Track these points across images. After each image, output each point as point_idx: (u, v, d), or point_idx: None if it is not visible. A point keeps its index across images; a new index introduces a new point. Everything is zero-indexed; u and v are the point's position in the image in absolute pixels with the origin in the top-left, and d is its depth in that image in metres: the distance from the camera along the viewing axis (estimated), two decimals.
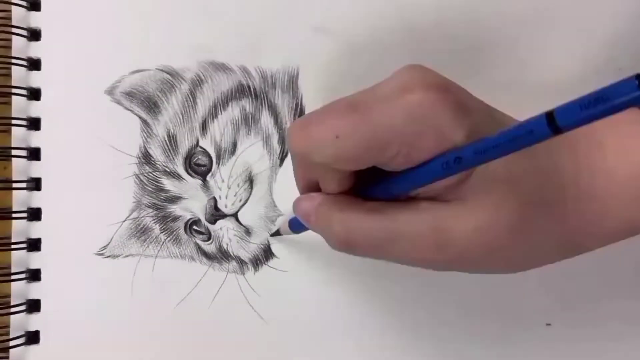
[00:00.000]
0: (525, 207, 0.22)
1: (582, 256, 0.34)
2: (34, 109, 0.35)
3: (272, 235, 0.35)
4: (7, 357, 0.34)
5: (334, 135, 0.21)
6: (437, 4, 0.35)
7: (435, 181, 0.21)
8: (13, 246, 0.34)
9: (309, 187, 0.26)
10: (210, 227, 0.35)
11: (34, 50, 0.35)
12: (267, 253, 0.35)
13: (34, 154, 0.35)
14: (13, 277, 0.34)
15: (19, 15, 0.35)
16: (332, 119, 0.21)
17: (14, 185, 0.35)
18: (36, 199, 0.35)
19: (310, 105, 0.35)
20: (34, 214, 0.35)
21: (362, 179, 0.24)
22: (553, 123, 0.15)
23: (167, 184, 0.35)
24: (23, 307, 0.35)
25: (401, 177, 0.22)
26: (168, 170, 0.35)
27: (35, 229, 0.35)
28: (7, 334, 0.34)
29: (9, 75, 0.35)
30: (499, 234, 0.22)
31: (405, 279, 0.35)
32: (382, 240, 0.22)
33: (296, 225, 0.31)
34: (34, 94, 0.35)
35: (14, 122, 0.35)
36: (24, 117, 0.35)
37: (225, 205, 0.35)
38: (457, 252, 0.22)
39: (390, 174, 0.22)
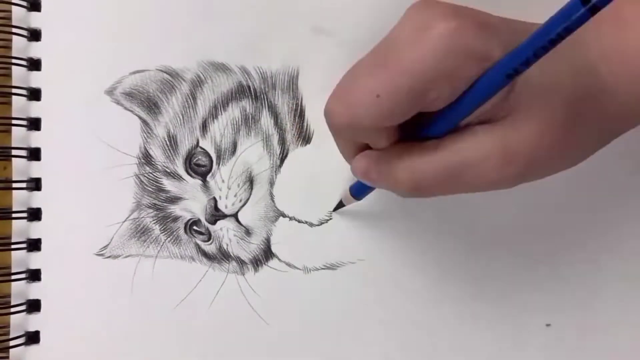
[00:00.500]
0: (571, 105, 0.22)
1: (581, 257, 0.34)
2: (34, 109, 0.35)
3: (335, 209, 0.34)
4: (7, 357, 0.34)
5: (374, 95, 0.21)
6: None
7: (486, 101, 0.21)
8: (13, 246, 0.34)
9: (358, 151, 0.26)
10: (210, 227, 0.35)
11: (34, 50, 0.35)
12: (267, 253, 0.35)
13: (34, 154, 0.35)
14: (13, 277, 0.34)
15: (19, 15, 0.35)
16: (366, 81, 0.21)
17: (14, 185, 0.35)
18: (36, 199, 0.35)
19: (310, 105, 0.35)
20: (34, 214, 0.35)
21: (408, 125, 0.24)
22: (587, 2, 0.16)
23: (167, 184, 0.35)
24: (23, 307, 0.35)
25: (451, 110, 0.22)
26: (168, 170, 0.35)
27: (35, 229, 0.35)
28: (7, 334, 0.34)
29: (9, 75, 0.35)
30: (556, 135, 0.22)
31: (405, 278, 0.35)
32: (450, 174, 0.22)
33: (358, 191, 0.30)
34: (34, 94, 0.35)
35: (14, 122, 0.35)
36: (24, 117, 0.35)
37: (226, 206, 0.35)
38: (525, 162, 0.22)
39: (437, 112, 0.22)
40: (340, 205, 0.34)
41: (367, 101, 0.21)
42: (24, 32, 0.35)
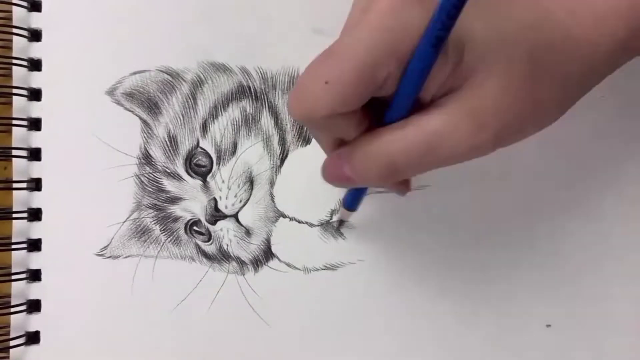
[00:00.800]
0: (531, 57, 0.22)
1: (582, 257, 0.34)
2: (35, 109, 0.35)
3: (338, 227, 0.35)
4: (8, 357, 0.34)
5: (323, 83, 0.21)
6: None
7: (427, 74, 0.21)
8: (13, 246, 0.34)
9: (335, 148, 0.26)
10: (211, 227, 0.35)
11: (35, 50, 0.35)
12: (267, 254, 0.35)
13: (35, 154, 0.35)
14: (13, 277, 0.34)
15: (19, 15, 0.35)
16: (315, 70, 0.21)
17: (15, 185, 0.35)
18: (36, 200, 0.35)
19: None
20: (35, 214, 0.35)
21: (374, 114, 0.23)
22: None
23: (168, 184, 0.35)
24: (23, 307, 0.35)
25: (401, 89, 0.22)
26: (168, 170, 0.35)
27: (35, 229, 0.35)
28: (8, 334, 0.34)
29: (9, 75, 0.35)
30: (520, 90, 0.22)
31: (405, 279, 0.35)
32: (424, 149, 0.22)
33: (348, 202, 0.30)
34: (35, 95, 0.35)
35: (14, 122, 0.35)
36: (25, 117, 0.35)
37: (226, 206, 0.34)
38: (495, 123, 0.22)
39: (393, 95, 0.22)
40: (341, 222, 0.34)
41: (317, 90, 0.21)
42: (25, 33, 0.35)
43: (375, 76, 0.21)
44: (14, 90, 0.34)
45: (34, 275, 0.35)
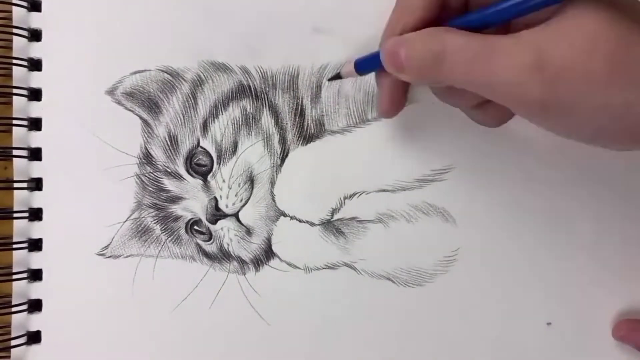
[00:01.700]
0: (624, 35, 0.21)
1: (583, 256, 0.34)
2: (35, 109, 0.35)
3: (331, 79, 0.34)
4: (9, 357, 0.34)
5: None
6: None
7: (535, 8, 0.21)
8: (14, 246, 0.34)
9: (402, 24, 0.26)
10: (211, 227, 0.35)
11: (35, 50, 0.35)
12: (267, 253, 0.35)
13: (35, 154, 0.35)
14: (14, 277, 0.34)
15: (19, 15, 0.35)
16: None
17: (15, 185, 0.35)
18: (37, 199, 0.35)
19: (311, 105, 0.35)
20: (35, 214, 0.35)
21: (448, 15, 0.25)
22: None
23: (168, 184, 0.35)
24: (24, 307, 0.35)
25: (498, 4, 0.22)
26: (169, 170, 0.35)
27: (36, 229, 0.35)
28: (9, 333, 0.34)
29: (9, 75, 0.35)
30: (597, 60, 0.20)
31: (405, 278, 0.35)
32: (477, 54, 0.22)
33: (363, 64, 0.30)
34: (35, 95, 0.35)
35: (14, 122, 0.35)
36: (25, 117, 0.35)
37: (226, 205, 0.34)
38: (555, 73, 0.21)
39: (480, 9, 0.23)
40: (337, 76, 0.33)
41: None
42: (25, 33, 0.35)
43: None
44: (14, 90, 0.34)
45: (35, 275, 0.35)
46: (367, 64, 0.30)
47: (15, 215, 0.35)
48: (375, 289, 0.35)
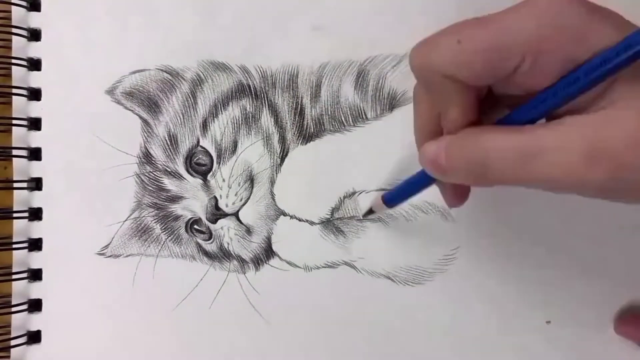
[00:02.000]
0: None
1: (584, 254, 0.34)
2: (35, 109, 0.35)
3: (365, 216, 0.34)
4: (9, 357, 0.34)
5: (456, 40, 0.20)
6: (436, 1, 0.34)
7: (583, 92, 0.19)
8: (14, 246, 0.35)
9: (432, 129, 0.25)
10: (211, 226, 0.35)
11: (34, 50, 0.35)
12: (267, 252, 0.35)
13: (35, 154, 0.35)
14: (14, 276, 0.35)
15: (19, 15, 0.35)
16: (452, 29, 0.21)
17: (15, 185, 0.35)
18: (37, 199, 0.35)
19: (311, 104, 0.35)
20: (35, 214, 0.35)
21: (487, 116, 0.23)
22: None
23: (168, 183, 0.35)
24: (24, 307, 0.35)
25: (543, 94, 0.20)
26: (169, 169, 0.35)
27: (36, 229, 0.35)
28: (9, 333, 0.34)
29: (9, 75, 0.35)
30: None
31: (405, 277, 0.35)
32: (524, 156, 0.20)
33: (392, 198, 0.30)
34: (35, 94, 0.35)
35: (14, 122, 0.35)
36: (25, 117, 0.35)
37: (226, 205, 0.34)
38: (614, 165, 0.19)
39: (520, 102, 0.21)
40: (369, 212, 0.33)
41: (447, 43, 0.20)
42: (24, 32, 0.35)
43: (508, 60, 0.20)
44: (14, 90, 0.35)
45: (35, 275, 0.35)
46: (394, 197, 0.30)
47: (15, 215, 0.35)
48: (374, 288, 0.35)
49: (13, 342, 0.34)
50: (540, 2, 0.19)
